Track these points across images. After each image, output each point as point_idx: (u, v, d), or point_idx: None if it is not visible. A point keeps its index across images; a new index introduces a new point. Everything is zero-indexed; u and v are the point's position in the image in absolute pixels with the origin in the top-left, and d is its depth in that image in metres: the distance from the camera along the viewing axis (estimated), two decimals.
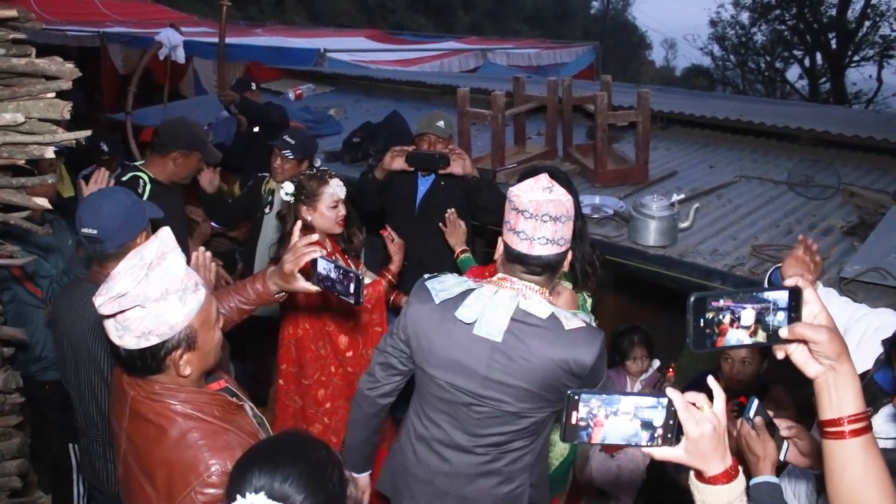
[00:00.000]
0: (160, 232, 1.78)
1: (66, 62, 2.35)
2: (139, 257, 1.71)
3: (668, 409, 1.33)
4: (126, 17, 13.03)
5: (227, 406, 1.91)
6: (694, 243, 3.81)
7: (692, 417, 1.33)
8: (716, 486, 1.36)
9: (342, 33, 15.24)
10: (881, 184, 4.53)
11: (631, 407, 1.33)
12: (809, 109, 8.67)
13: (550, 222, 2.04)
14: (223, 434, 1.81)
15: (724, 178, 4.82)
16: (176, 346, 1.76)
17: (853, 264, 3.26)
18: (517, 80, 5.44)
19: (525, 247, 2.06)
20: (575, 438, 1.34)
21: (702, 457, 1.35)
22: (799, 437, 1.88)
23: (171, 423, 1.79)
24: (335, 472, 1.51)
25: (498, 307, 2.10)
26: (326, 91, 8.56)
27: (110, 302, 1.67)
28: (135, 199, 2.63)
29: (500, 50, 12.91)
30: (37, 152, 2.34)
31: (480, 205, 3.90)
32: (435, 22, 27.90)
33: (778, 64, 23.75)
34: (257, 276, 2.39)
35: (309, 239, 2.28)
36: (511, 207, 2.08)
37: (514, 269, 2.14)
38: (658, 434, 1.34)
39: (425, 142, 4.06)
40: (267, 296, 2.36)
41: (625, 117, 4.79)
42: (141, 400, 1.83)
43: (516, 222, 2.06)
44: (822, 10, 21.62)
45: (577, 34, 28.29)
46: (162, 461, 1.77)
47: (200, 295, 1.80)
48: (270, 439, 1.71)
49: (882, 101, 20.72)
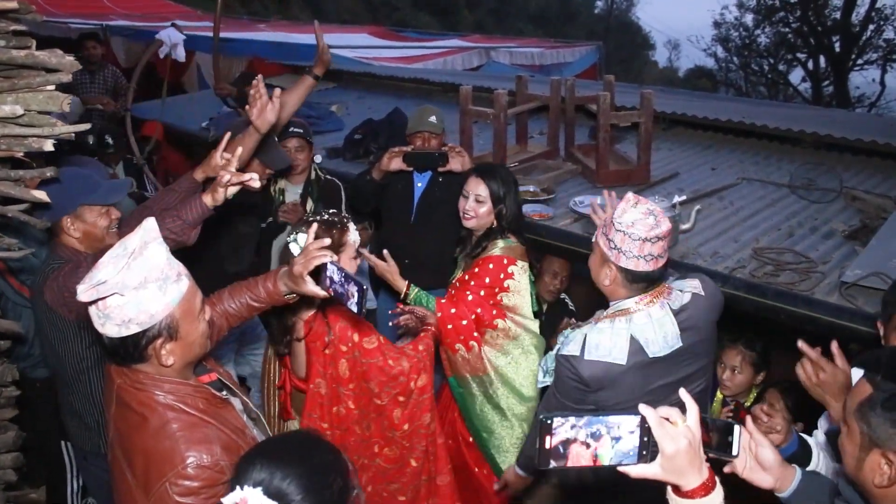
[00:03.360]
0: (145, 222, 1.79)
1: (66, 55, 2.35)
2: (123, 247, 1.73)
3: (641, 427, 1.34)
4: (130, 11, 13.01)
5: (211, 399, 1.91)
6: (695, 245, 3.79)
7: (667, 434, 1.34)
8: (694, 500, 1.37)
9: (345, 29, 15.21)
10: (883, 188, 4.52)
11: (605, 427, 1.32)
12: (812, 112, 8.64)
13: (662, 241, 2.42)
14: (202, 427, 1.82)
15: (726, 180, 4.80)
16: (157, 336, 1.78)
17: (854, 269, 3.24)
18: (520, 78, 5.43)
19: (652, 265, 2.43)
20: (549, 463, 1.33)
21: (678, 472, 1.35)
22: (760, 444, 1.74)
23: (153, 413, 1.81)
24: (338, 478, 1.52)
25: (664, 322, 2.50)
26: (329, 87, 8.53)
27: (89, 290, 1.69)
28: (63, 185, 2.66)
29: (503, 48, 12.87)
30: (36, 145, 2.33)
31: None
32: (439, 20, 27.86)
33: (781, 66, 23.73)
34: (269, 274, 2.41)
35: (322, 243, 2.28)
36: (630, 238, 2.39)
37: (640, 287, 2.51)
38: (633, 452, 1.34)
39: (420, 139, 4.05)
40: (277, 296, 2.38)
41: (627, 118, 4.78)
42: (126, 388, 1.84)
43: (641, 248, 2.39)
44: (826, 12, 21.59)
45: (581, 34, 28.24)
46: (141, 450, 1.79)
47: (182, 285, 1.81)
48: (281, 436, 1.73)
49: (885, 105, 20.69)
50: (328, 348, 2.84)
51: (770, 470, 1.73)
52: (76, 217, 2.71)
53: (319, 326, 2.85)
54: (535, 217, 4.16)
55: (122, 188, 2.94)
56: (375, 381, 2.90)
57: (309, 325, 2.85)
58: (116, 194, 2.81)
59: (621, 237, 2.41)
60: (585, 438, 1.32)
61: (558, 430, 1.31)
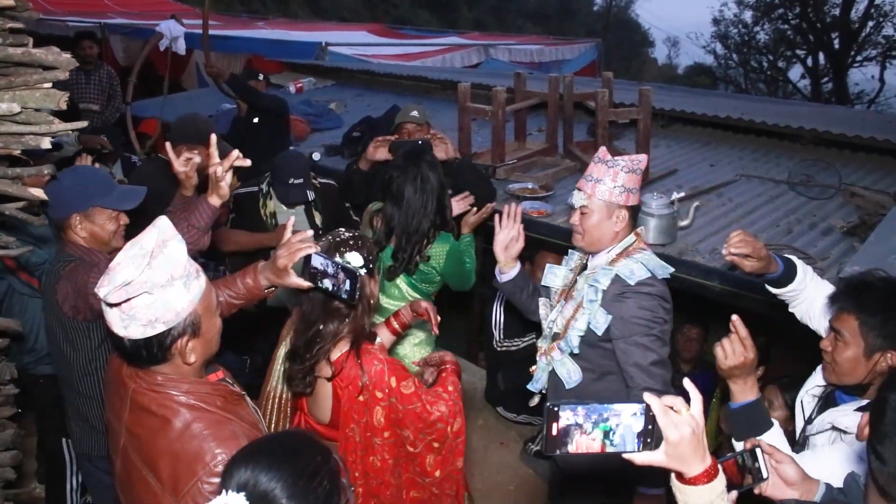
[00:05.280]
0: (158, 220, 1.78)
1: (63, 52, 2.34)
2: (138, 247, 1.71)
3: (646, 415, 1.36)
4: (128, 9, 12.98)
5: (228, 396, 1.91)
6: (693, 242, 3.79)
7: (671, 422, 1.37)
8: (697, 487, 1.40)
9: (344, 27, 15.21)
10: (882, 185, 4.52)
11: (611, 414, 1.35)
12: (811, 109, 8.65)
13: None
14: (228, 424, 1.82)
15: (725, 176, 4.80)
16: (182, 333, 1.77)
17: (853, 265, 3.24)
18: (518, 76, 5.43)
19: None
20: (557, 450, 1.35)
21: (682, 459, 1.38)
22: (781, 462, 1.78)
23: (175, 414, 1.79)
24: (325, 481, 1.50)
25: None
26: (327, 85, 8.54)
27: (117, 291, 1.66)
28: (78, 183, 2.71)
29: (502, 46, 12.87)
30: (33, 143, 2.32)
31: (464, 188, 3.92)
32: (438, 17, 27.83)
33: (780, 63, 23.69)
34: (247, 270, 2.38)
35: (304, 234, 2.28)
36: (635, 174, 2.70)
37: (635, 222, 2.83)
38: (638, 440, 1.37)
39: (404, 132, 4.14)
40: (257, 290, 2.36)
41: (626, 114, 4.79)
42: (143, 392, 1.82)
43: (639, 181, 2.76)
44: (825, 9, 21.54)
45: (580, 31, 28.24)
46: (166, 452, 1.77)
47: (202, 281, 1.81)
48: (269, 437, 1.71)
49: (884, 102, 20.66)
50: (362, 394, 2.53)
51: (794, 486, 1.76)
52: (85, 216, 2.72)
53: (352, 368, 2.50)
54: (534, 214, 4.17)
55: (137, 195, 2.83)
56: (412, 427, 2.60)
57: (340, 366, 2.51)
58: (131, 201, 2.79)
59: (628, 177, 2.67)
60: (591, 425, 1.35)
61: (565, 417, 1.34)
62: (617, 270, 2.68)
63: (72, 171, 2.84)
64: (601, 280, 2.70)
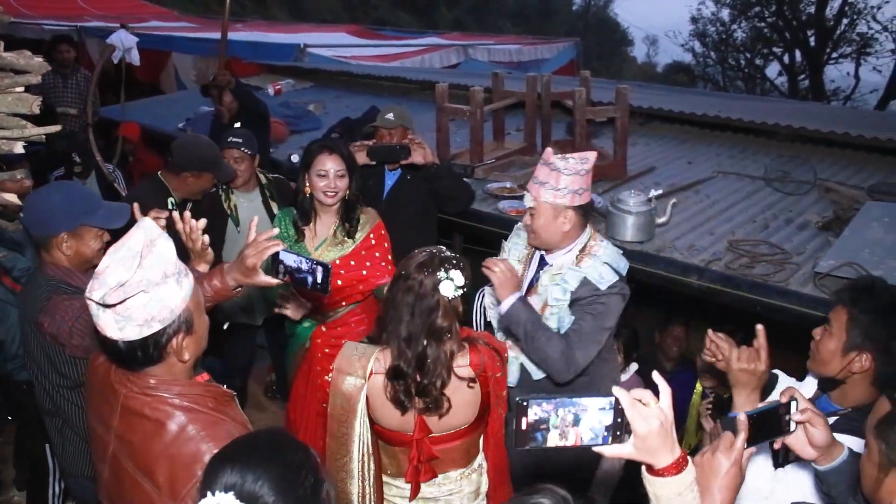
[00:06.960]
0: (142, 221, 1.77)
1: (35, 56, 2.32)
2: (126, 248, 1.69)
3: (615, 408, 1.38)
4: (105, 11, 12.86)
5: (219, 397, 1.90)
6: (671, 238, 3.82)
7: (639, 414, 1.38)
8: (666, 478, 1.42)
9: (323, 28, 15.15)
10: (857, 179, 4.58)
11: (580, 408, 1.37)
12: (788, 106, 8.73)
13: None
14: (222, 424, 1.81)
15: (702, 173, 4.84)
16: (177, 331, 1.76)
17: (828, 259, 3.29)
18: (496, 75, 5.44)
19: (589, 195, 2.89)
20: (527, 444, 1.36)
21: (651, 451, 1.40)
22: (813, 424, 1.78)
23: (169, 417, 1.78)
24: (309, 476, 1.51)
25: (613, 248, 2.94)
26: (306, 86, 8.51)
27: (113, 292, 1.64)
28: (66, 201, 2.62)
29: (481, 46, 12.88)
30: (5, 147, 2.31)
31: (443, 193, 3.94)
32: (418, 18, 27.80)
33: (758, 61, 23.86)
34: (214, 271, 2.37)
35: (270, 233, 2.29)
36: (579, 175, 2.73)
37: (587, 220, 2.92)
38: (607, 433, 1.38)
39: (381, 136, 4.12)
40: (225, 291, 2.34)
41: (603, 113, 4.81)
42: (135, 396, 1.80)
43: (586, 181, 2.79)
44: (801, 7, 21.73)
45: (560, 31, 28.30)
46: (162, 456, 1.76)
47: (191, 278, 1.82)
48: (248, 436, 1.70)
49: (859, 98, 20.87)
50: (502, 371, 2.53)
51: (818, 448, 1.79)
52: (73, 235, 2.63)
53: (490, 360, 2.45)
54: (513, 213, 4.17)
55: (123, 213, 2.75)
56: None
57: (478, 365, 2.43)
58: (118, 219, 2.70)
59: (571, 179, 2.71)
60: (560, 419, 1.36)
61: (534, 412, 1.35)
62: (585, 273, 2.78)
63: (58, 188, 2.75)
64: (569, 280, 2.80)
